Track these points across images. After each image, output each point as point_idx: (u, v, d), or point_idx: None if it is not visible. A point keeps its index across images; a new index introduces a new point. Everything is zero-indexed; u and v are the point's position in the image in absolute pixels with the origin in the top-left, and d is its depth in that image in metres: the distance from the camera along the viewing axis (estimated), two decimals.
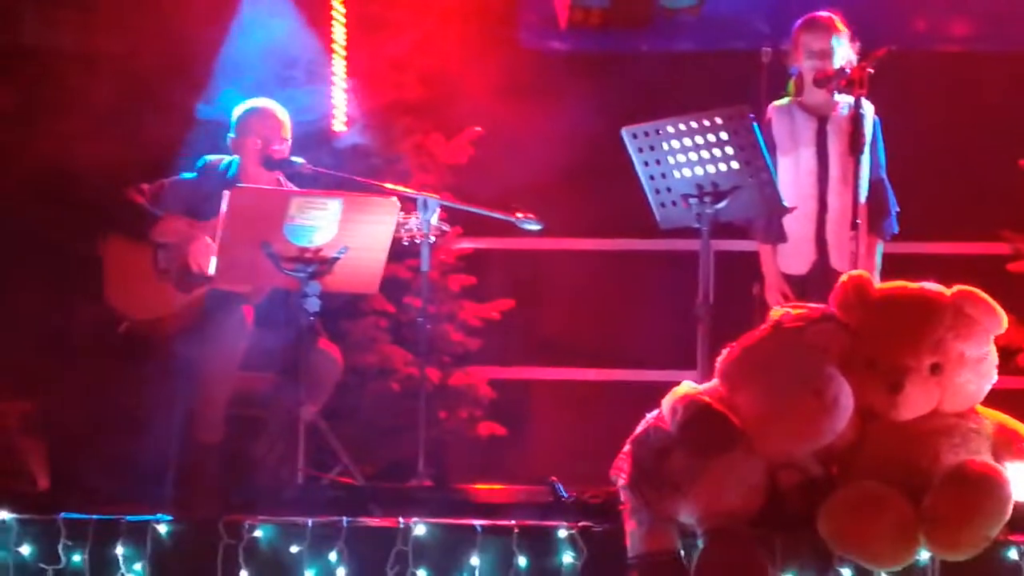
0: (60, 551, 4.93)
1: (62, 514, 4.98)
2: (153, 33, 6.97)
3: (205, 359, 5.57)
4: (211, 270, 5.53)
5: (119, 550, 4.90)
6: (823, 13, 5.91)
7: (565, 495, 5.04)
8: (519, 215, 5.90)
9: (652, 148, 5.37)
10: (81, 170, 6.67)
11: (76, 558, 4.93)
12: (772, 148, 5.80)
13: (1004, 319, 4.58)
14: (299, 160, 5.89)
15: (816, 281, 5.74)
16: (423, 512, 4.89)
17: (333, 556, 4.77)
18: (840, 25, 5.88)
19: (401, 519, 4.81)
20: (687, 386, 4.65)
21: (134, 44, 6.99)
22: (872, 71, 5.56)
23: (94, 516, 4.98)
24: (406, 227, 5.75)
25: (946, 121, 7.12)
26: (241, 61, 6.86)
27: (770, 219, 5.85)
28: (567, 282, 7.39)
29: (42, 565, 4.94)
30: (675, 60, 7.43)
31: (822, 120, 5.92)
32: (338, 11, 7.22)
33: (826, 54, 5.83)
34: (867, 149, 5.73)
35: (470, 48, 7.22)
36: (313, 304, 5.45)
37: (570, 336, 7.35)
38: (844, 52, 5.85)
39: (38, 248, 6.70)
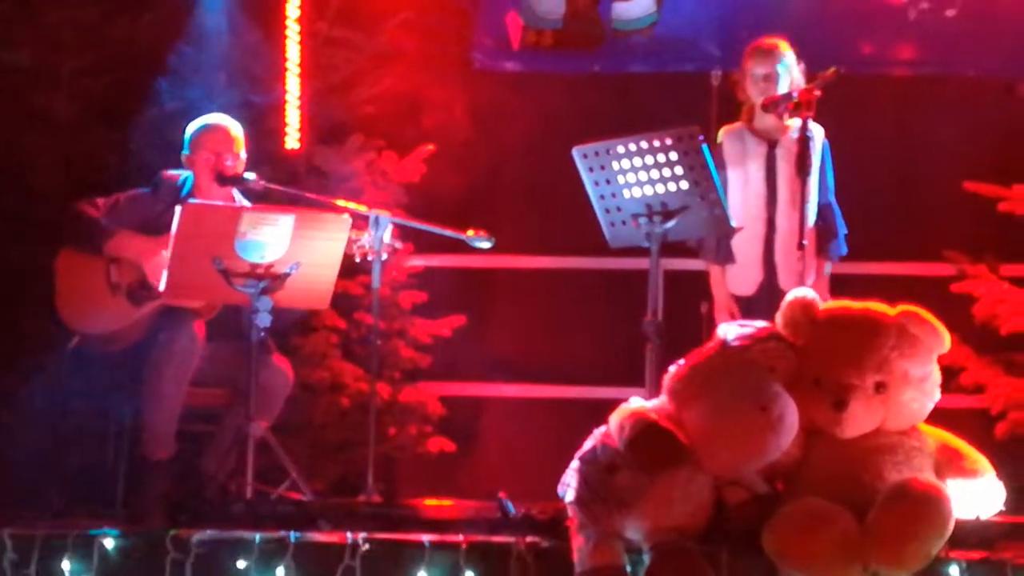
0: (6, 566, 4.88)
1: (8, 528, 4.94)
2: (110, 48, 6.96)
3: (156, 374, 5.57)
4: (162, 285, 5.52)
5: (66, 565, 4.86)
6: (768, 39, 5.95)
7: (513, 511, 5.04)
8: (470, 233, 5.93)
9: (603, 168, 5.41)
10: (34, 184, 6.66)
11: (23, 573, 4.88)
12: (722, 170, 5.84)
13: (947, 339, 4.63)
14: (251, 176, 5.89)
15: (764, 301, 5.74)
16: (371, 527, 4.89)
17: (281, 571, 4.75)
18: (786, 49, 5.92)
19: (349, 534, 4.80)
20: (635, 403, 4.68)
21: (90, 60, 6.98)
22: (819, 94, 5.61)
23: (41, 530, 4.94)
24: (358, 244, 5.74)
25: (892, 143, 7.19)
26: (196, 77, 6.86)
27: (719, 239, 5.90)
28: (517, 299, 7.40)
29: None
30: (626, 81, 7.46)
31: (772, 144, 5.95)
32: (292, 28, 7.23)
33: (771, 79, 5.86)
34: (816, 172, 5.79)
35: (423, 67, 7.25)
36: (264, 320, 5.46)
37: (520, 353, 7.36)
38: (791, 76, 5.91)
39: None
